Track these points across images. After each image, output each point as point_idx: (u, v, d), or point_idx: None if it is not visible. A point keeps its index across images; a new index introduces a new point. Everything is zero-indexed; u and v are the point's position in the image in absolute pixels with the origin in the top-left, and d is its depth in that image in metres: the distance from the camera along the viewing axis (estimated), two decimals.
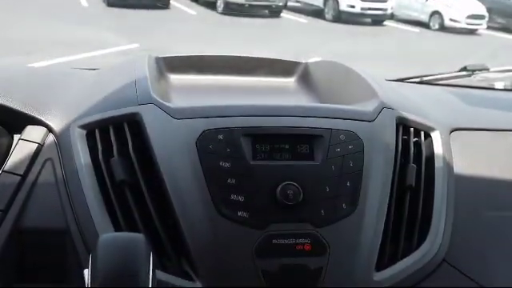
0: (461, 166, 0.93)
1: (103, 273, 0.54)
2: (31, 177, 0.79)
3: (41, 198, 0.78)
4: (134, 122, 0.81)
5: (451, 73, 1.54)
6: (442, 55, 5.74)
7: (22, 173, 0.79)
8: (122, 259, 0.55)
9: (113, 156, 0.78)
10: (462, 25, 10.78)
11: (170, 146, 0.77)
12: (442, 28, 10.71)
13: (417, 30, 10.41)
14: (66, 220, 0.76)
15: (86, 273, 0.57)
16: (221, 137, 0.77)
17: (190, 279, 0.74)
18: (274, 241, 0.74)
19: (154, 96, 0.82)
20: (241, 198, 0.74)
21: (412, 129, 0.91)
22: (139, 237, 0.57)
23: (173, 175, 0.75)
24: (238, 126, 0.78)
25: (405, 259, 0.81)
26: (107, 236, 0.57)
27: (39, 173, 0.80)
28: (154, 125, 0.79)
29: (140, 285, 0.54)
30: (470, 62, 1.54)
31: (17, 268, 0.76)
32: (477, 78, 1.51)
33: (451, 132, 0.97)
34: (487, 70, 1.55)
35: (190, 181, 0.75)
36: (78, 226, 0.76)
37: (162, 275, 0.73)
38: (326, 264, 0.75)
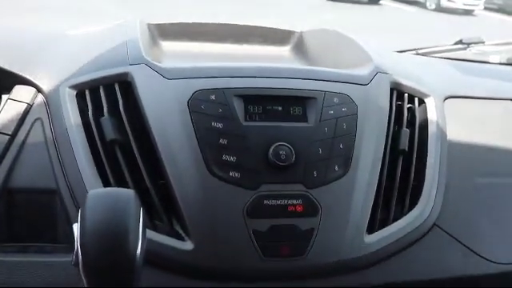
0: (454, 133, 0.93)
1: (92, 227, 0.53)
2: (20, 137, 0.78)
3: (30, 158, 0.77)
4: (124, 83, 0.79)
5: (446, 45, 1.54)
6: (438, 33, 5.71)
7: (10, 132, 0.78)
8: (112, 213, 0.54)
9: (103, 116, 0.77)
10: (459, 5, 10.72)
11: (162, 106, 0.76)
12: (439, 8, 10.65)
13: (413, 9, 10.34)
14: (56, 179, 0.76)
15: (75, 228, 0.57)
16: (213, 97, 0.76)
17: (181, 239, 0.73)
18: (266, 201, 0.74)
19: (146, 56, 0.81)
20: (232, 159, 0.74)
21: (406, 94, 0.90)
22: (129, 192, 0.57)
23: (164, 135, 0.75)
24: (231, 87, 0.77)
25: (396, 223, 0.81)
26: (96, 191, 0.57)
27: (28, 133, 0.79)
28: (146, 85, 0.78)
29: (130, 240, 0.54)
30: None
31: (6, 227, 0.75)
32: (472, 52, 1.51)
33: (445, 99, 0.97)
34: (483, 43, 1.54)
35: (181, 141, 0.74)
36: (68, 185, 0.75)
37: (153, 234, 0.73)
38: (318, 225, 0.75)
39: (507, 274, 0.86)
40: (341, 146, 0.77)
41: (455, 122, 0.94)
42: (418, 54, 1.41)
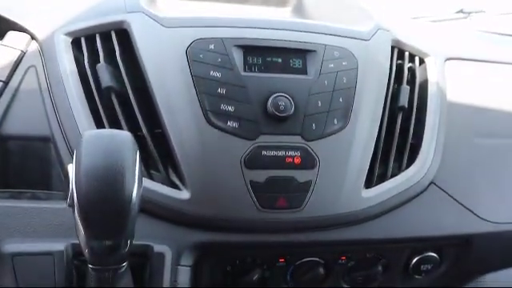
0: (454, 94, 0.92)
1: (87, 167, 0.52)
2: (13, 83, 0.77)
3: (24, 105, 0.76)
4: (121, 31, 0.78)
5: (447, 14, 1.52)
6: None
7: (4, 79, 0.76)
8: (108, 153, 0.53)
9: (99, 63, 0.75)
10: None
11: (159, 54, 0.74)
12: None
13: None
14: (50, 127, 0.74)
15: (70, 168, 0.55)
16: (212, 46, 0.74)
17: (177, 189, 0.73)
18: (264, 152, 0.73)
19: (143, 5, 0.79)
20: (231, 108, 0.72)
21: (407, 53, 0.89)
22: (126, 133, 0.55)
23: (161, 84, 0.73)
24: (230, 37, 0.75)
25: (393, 178, 0.81)
26: (92, 132, 0.55)
27: (22, 80, 0.77)
28: (143, 33, 0.76)
29: (126, 180, 0.52)
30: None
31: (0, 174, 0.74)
32: (473, 21, 1.49)
33: (446, 60, 0.96)
34: (483, 12, 1.52)
35: (179, 90, 0.73)
36: (63, 133, 0.73)
37: (149, 183, 0.72)
38: (315, 178, 0.74)
39: (502, 233, 0.86)
40: (340, 100, 0.76)
41: (455, 83, 0.93)
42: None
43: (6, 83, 0.76)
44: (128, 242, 0.57)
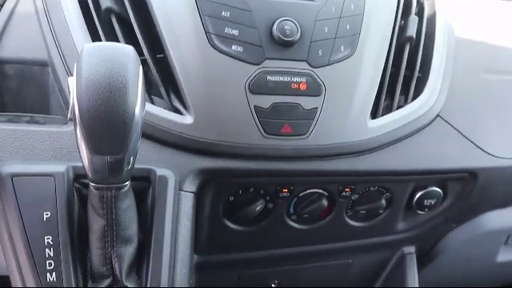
0: (462, 29, 0.90)
1: (89, 79, 0.50)
2: (9, 5, 0.73)
3: (20, 29, 0.73)
4: None
5: None
6: None
7: None
8: (110, 65, 0.50)
9: None
10: None
11: None
12: None
13: None
14: (48, 50, 0.72)
15: (71, 81, 0.53)
16: None
17: (180, 114, 0.71)
18: (269, 77, 0.71)
19: None
20: (235, 32, 0.70)
21: None
22: (128, 46, 0.53)
23: (163, 6, 0.70)
24: None
25: (399, 110, 0.79)
26: (93, 44, 0.53)
27: (17, 2, 0.74)
28: None
29: (129, 92, 0.50)
30: None
31: None
32: None
33: None
34: None
35: (181, 12, 0.70)
36: (61, 56, 0.71)
37: (151, 107, 0.70)
38: (321, 105, 0.72)
39: (507, 168, 0.86)
40: (347, 27, 0.74)
41: (463, 19, 0.91)
42: None
43: (1, 5, 0.73)
44: (131, 160, 0.56)
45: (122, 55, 0.51)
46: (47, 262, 0.63)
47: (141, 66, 0.53)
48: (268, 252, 0.91)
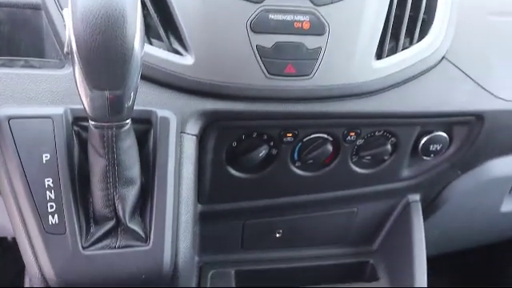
0: None
1: (85, 9, 0.48)
2: None
3: None
4: None
5: None
6: None
7: None
8: None
9: None
10: None
11: None
12: None
13: None
14: None
15: (66, 12, 0.51)
16: None
17: (181, 55, 0.69)
18: (271, 16, 0.68)
19: None
20: None
21: None
22: None
23: None
24: None
25: (405, 51, 0.77)
26: None
27: None
28: None
29: (127, 22, 0.48)
30: None
31: None
32: None
33: None
34: None
35: None
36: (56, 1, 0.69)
37: (150, 49, 0.68)
38: (325, 45, 0.70)
39: None
40: None
41: None
42: None
43: None
44: (131, 96, 0.54)
45: None
46: (48, 205, 0.62)
47: (139, 2, 0.51)
48: (272, 201, 0.90)
